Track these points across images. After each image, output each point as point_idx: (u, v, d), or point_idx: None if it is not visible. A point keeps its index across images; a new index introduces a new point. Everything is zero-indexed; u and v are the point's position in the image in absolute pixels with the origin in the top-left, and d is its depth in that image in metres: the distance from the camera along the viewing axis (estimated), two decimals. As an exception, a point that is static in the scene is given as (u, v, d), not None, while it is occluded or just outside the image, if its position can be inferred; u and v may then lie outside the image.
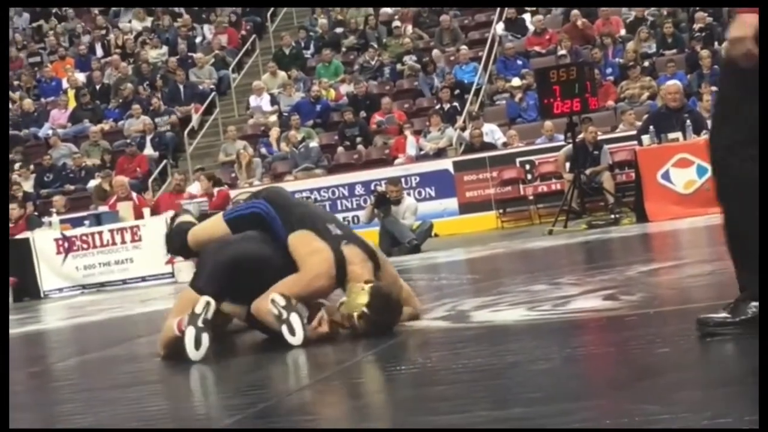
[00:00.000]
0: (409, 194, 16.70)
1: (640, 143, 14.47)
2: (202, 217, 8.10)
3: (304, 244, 5.58)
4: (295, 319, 5.34)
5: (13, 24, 29.30)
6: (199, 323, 5.28)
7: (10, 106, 25.57)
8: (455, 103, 21.24)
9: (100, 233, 16.15)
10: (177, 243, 6.11)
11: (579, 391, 3.55)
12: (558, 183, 17.72)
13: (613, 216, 14.68)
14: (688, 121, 14.09)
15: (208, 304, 5.28)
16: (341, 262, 5.53)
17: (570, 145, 15.70)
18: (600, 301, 5.78)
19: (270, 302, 5.36)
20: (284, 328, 5.33)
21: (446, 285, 8.74)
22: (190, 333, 5.28)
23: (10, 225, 17.98)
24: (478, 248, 13.02)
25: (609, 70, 20.73)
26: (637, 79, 19.80)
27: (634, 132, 16.53)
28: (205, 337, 5.30)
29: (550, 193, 18.00)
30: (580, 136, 16.12)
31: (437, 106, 21.17)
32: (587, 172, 15.76)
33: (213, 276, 5.52)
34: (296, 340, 5.31)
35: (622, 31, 22.10)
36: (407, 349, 5.01)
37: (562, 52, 20.90)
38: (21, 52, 27.87)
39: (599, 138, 16.85)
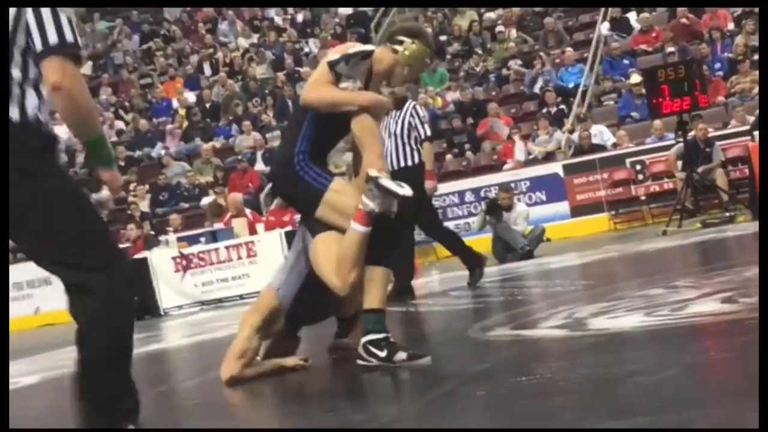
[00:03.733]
0: (519, 200, 16.66)
1: (753, 139, 14.25)
2: None
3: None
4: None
5: (122, 47, 29.91)
6: None
7: (124, 127, 26.09)
8: (562, 106, 21.16)
9: (217, 250, 16.43)
10: None
11: (702, 398, 3.55)
12: (670, 182, 17.55)
13: (728, 214, 14.49)
14: (803, 115, 13.81)
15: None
16: None
17: (681, 144, 15.56)
18: (718, 304, 5.73)
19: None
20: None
21: (561, 291, 8.71)
22: None
23: (129, 245, 18.35)
24: (591, 252, 12.95)
25: (718, 65, 20.42)
26: (747, 73, 19.42)
27: (746, 127, 16.30)
28: None
29: (662, 192, 17.83)
30: (691, 133, 15.95)
31: (544, 110, 21.09)
32: (699, 169, 15.60)
33: None
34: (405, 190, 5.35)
35: (730, 25, 21.70)
36: (526, 360, 5.03)
37: (671, 49, 20.64)
38: (132, 74, 28.44)
39: (710, 135, 16.65)
